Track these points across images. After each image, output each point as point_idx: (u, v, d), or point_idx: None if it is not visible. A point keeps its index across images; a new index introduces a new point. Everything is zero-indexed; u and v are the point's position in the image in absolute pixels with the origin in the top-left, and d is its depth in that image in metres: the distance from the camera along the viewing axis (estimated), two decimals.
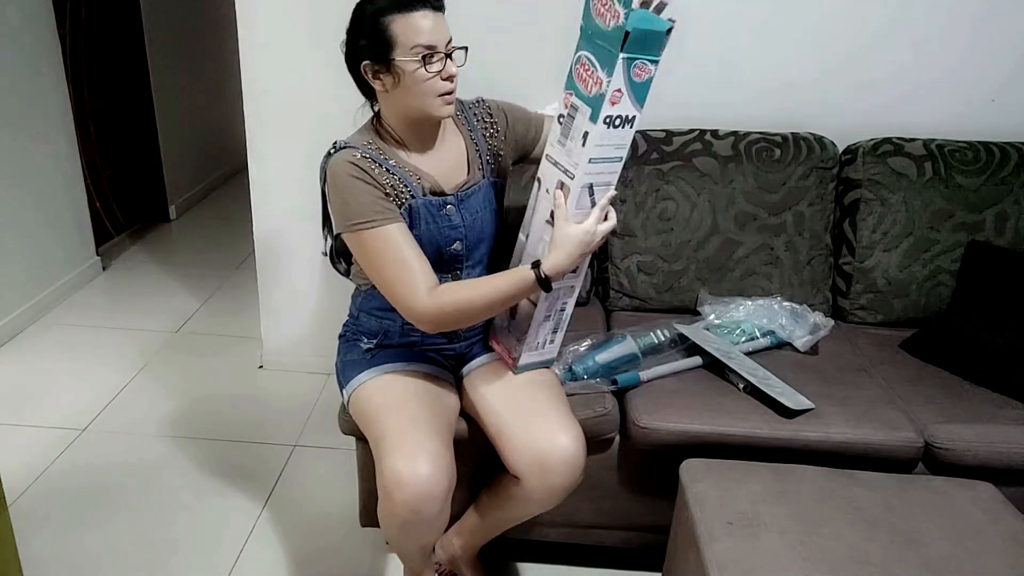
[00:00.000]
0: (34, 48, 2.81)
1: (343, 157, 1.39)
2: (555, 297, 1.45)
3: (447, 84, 1.36)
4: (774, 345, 1.83)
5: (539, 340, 1.51)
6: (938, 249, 1.95)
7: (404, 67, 1.33)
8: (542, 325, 1.48)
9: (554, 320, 1.50)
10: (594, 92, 1.26)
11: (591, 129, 1.27)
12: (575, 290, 1.48)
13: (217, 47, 4.38)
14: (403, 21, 1.31)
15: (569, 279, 1.45)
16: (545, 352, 1.55)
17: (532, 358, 1.54)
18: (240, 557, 1.83)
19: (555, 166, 1.36)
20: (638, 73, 1.24)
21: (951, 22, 2.04)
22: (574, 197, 1.33)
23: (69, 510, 1.95)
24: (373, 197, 1.37)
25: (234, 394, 2.50)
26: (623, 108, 1.27)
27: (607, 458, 1.65)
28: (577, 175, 1.31)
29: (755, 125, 2.05)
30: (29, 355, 2.68)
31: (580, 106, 1.29)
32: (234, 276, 3.39)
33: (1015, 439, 1.55)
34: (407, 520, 1.33)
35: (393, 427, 1.37)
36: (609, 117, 1.26)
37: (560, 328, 1.53)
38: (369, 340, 1.58)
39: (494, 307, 1.41)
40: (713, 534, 1.27)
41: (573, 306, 1.51)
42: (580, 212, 1.36)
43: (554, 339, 1.54)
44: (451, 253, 1.48)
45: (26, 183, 2.81)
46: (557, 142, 1.35)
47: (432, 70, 1.33)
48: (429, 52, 1.32)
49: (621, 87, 1.24)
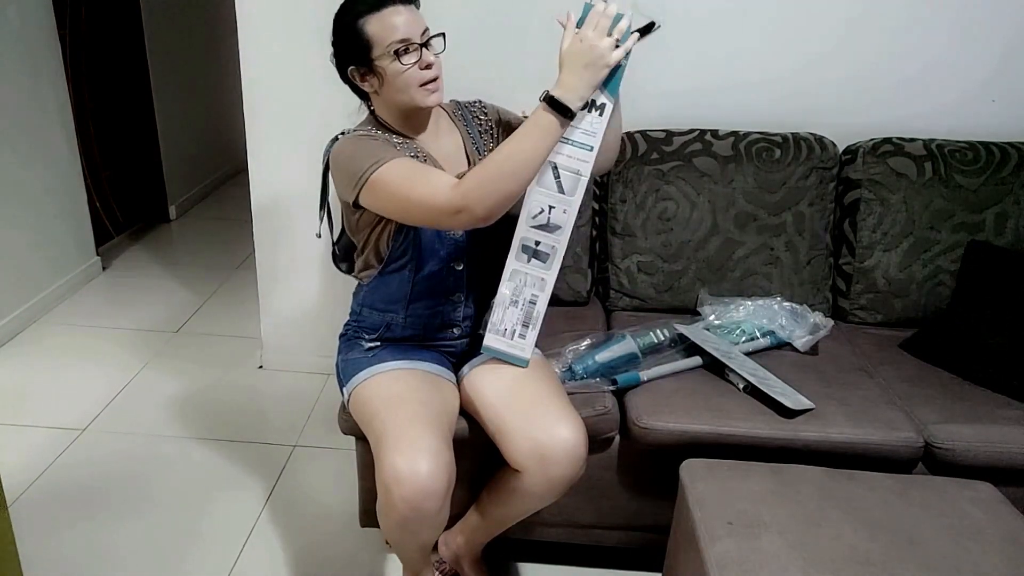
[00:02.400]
0: (34, 48, 2.81)
1: (350, 135, 1.44)
2: (521, 282, 1.46)
3: (426, 73, 1.39)
4: (774, 345, 1.83)
5: (504, 326, 1.50)
6: (938, 249, 1.95)
7: (384, 65, 1.38)
8: (508, 309, 1.48)
9: (522, 310, 1.49)
10: None
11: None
12: (545, 283, 1.47)
13: (217, 47, 4.38)
14: (376, 21, 1.37)
15: (538, 268, 1.45)
16: (514, 345, 1.52)
17: (498, 343, 1.52)
18: (240, 557, 1.83)
19: None
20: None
21: (952, 23, 2.04)
22: (542, 174, 1.37)
23: (69, 510, 1.95)
24: (382, 142, 1.42)
25: (234, 394, 2.50)
26: (595, 94, 1.34)
27: (607, 458, 1.65)
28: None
29: (755, 125, 2.05)
30: (29, 355, 2.68)
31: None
32: (234, 276, 3.39)
33: (1015, 439, 1.55)
34: (407, 517, 1.33)
35: (393, 424, 1.37)
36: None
37: (531, 324, 1.50)
38: (371, 338, 1.58)
39: (519, 164, 1.30)
40: (713, 534, 1.27)
41: (545, 305, 1.49)
42: (545, 191, 1.39)
43: (524, 334, 1.51)
44: (451, 240, 1.50)
45: (26, 183, 2.81)
46: None
47: (407, 62, 1.37)
48: (402, 46, 1.36)
49: None
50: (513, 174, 1.30)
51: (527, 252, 1.44)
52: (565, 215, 1.41)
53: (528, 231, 1.43)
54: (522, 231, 1.43)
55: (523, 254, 1.44)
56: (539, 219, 1.41)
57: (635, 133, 2.02)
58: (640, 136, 2.01)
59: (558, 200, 1.40)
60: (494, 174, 1.29)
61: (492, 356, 1.54)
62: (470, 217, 1.30)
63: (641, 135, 2.01)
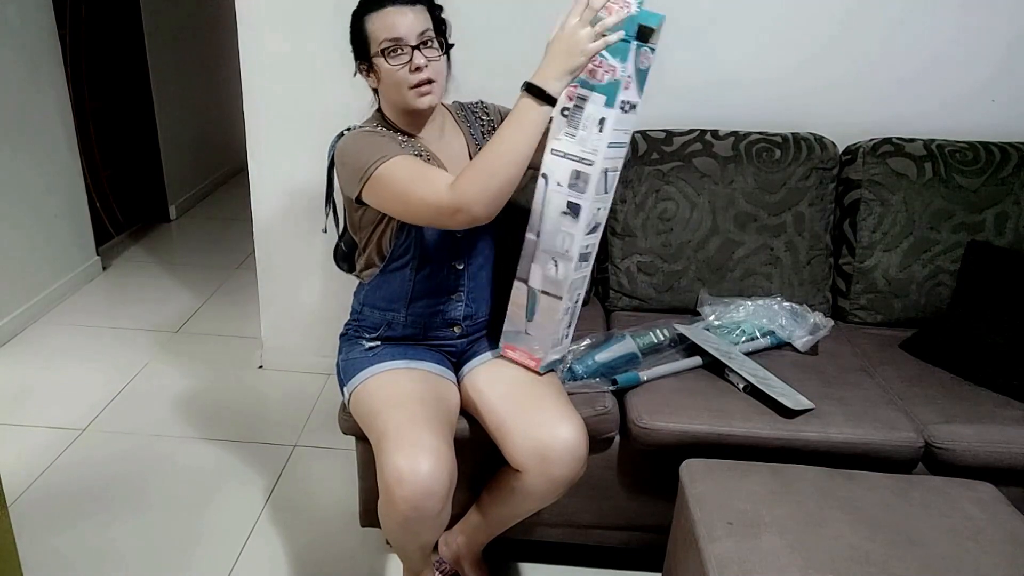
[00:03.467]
0: (34, 48, 2.81)
1: (355, 131, 1.46)
2: (577, 287, 1.49)
3: (416, 75, 1.39)
4: (774, 345, 1.83)
5: (560, 335, 1.53)
6: (938, 249, 1.95)
7: (378, 64, 1.40)
8: (563, 319, 1.50)
9: (571, 313, 1.53)
10: (607, 80, 1.32)
11: (608, 115, 1.33)
12: (586, 279, 1.52)
13: (217, 47, 4.38)
14: (376, 19, 1.39)
15: (584, 268, 1.48)
16: (562, 348, 1.58)
17: (553, 355, 1.55)
18: (240, 557, 1.83)
19: (565, 158, 1.38)
20: (643, 61, 1.33)
21: (952, 23, 2.04)
22: (593, 183, 1.37)
23: (69, 510, 1.95)
24: (389, 139, 1.43)
25: (234, 394, 2.50)
26: (631, 94, 1.35)
27: (607, 458, 1.65)
28: (597, 160, 1.36)
29: (755, 125, 2.05)
30: (29, 355, 2.68)
31: (590, 95, 1.34)
32: (234, 276, 3.39)
33: (1015, 439, 1.55)
34: (408, 517, 1.33)
35: (394, 424, 1.37)
36: (624, 102, 1.34)
37: (573, 322, 1.56)
38: (371, 337, 1.59)
39: (508, 156, 1.29)
40: (713, 534, 1.27)
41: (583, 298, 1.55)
42: (598, 197, 1.40)
43: (568, 333, 1.57)
44: (452, 239, 1.51)
45: (26, 183, 2.81)
46: (564, 135, 1.38)
47: (394, 63, 1.38)
48: (391, 46, 1.37)
49: (631, 74, 1.32)
50: (504, 168, 1.29)
51: (583, 258, 1.46)
52: (603, 212, 1.46)
53: (585, 239, 1.43)
54: (580, 242, 1.42)
55: (580, 263, 1.46)
56: (591, 224, 1.43)
57: (635, 133, 2.02)
58: (640, 136, 2.01)
59: (603, 201, 1.43)
60: (486, 171, 1.29)
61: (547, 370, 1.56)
62: (468, 216, 1.30)
63: (641, 135, 2.01)
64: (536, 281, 1.48)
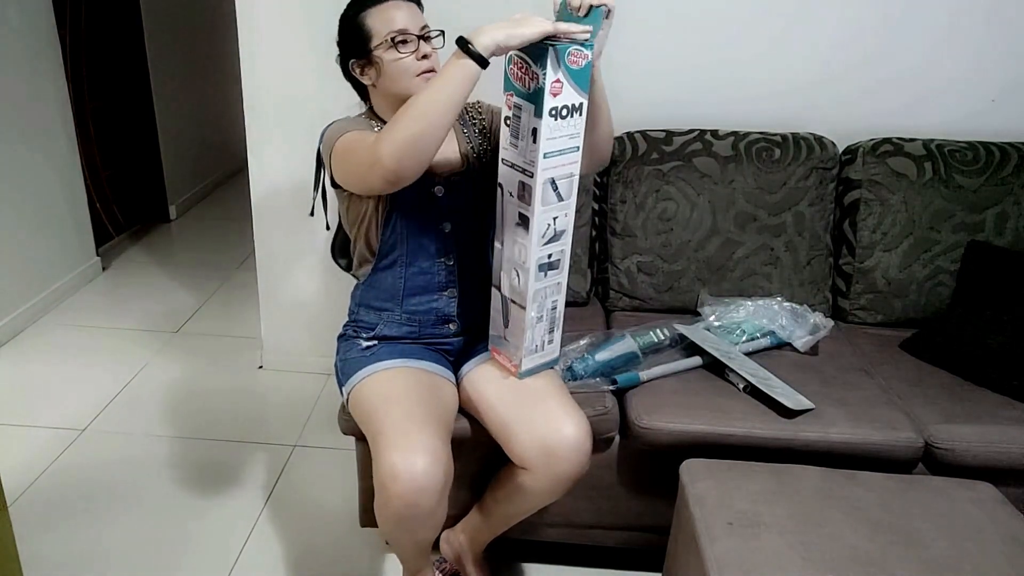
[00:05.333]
0: (34, 48, 2.81)
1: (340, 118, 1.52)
2: (543, 296, 1.45)
3: (423, 63, 1.43)
4: (774, 345, 1.83)
5: (536, 342, 1.51)
6: (938, 249, 1.95)
7: (382, 55, 1.43)
8: (535, 326, 1.48)
9: (547, 320, 1.50)
10: (532, 88, 1.27)
11: (538, 124, 1.27)
12: (561, 286, 1.48)
13: (217, 47, 4.38)
14: (377, 14, 1.43)
15: (553, 276, 1.45)
16: (546, 353, 1.55)
17: (534, 361, 1.53)
18: (240, 557, 1.83)
19: (512, 168, 1.36)
20: (574, 60, 1.26)
21: (952, 23, 2.04)
22: (538, 195, 1.33)
23: (69, 510, 1.95)
24: (365, 125, 1.50)
25: (234, 394, 2.50)
26: (566, 98, 1.28)
27: (607, 458, 1.65)
28: (536, 172, 1.31)
29: (755, 125, 2.05)
30: (29, 355, 2.68)
31: (523, 104, 1.30)
32: (234, 276, 3.39)
33: (1015, 439, 1.55)
34: (403, 515, 1.33)
35: (390, 422, 1.38)
36: (554, 109, 1.27)
37: (556, 327, 1.53)
38: (368, 337, 1.59)
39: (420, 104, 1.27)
40: (713, 534, 1.27)
41: (564, 303, 1.50)
42: (548, 207, 1.36)
43: (552, 339, 1.54)
44: (439, 233, 1.53)
45: (26, 183, 2.81)
46: (509, 144, 1.35)
47: (404, 51, 1.42)
48: (400, 36, 1.41)
49: (560, 77, 1.26)
50: (415, 120, 1.26)
51: (543, 269, 1.43)
52: (567, 218, 1.41)
53: (540, 251, 1.40)
54: (535, 254, 1.39)
55: (540, 272, 1.43)
56: (547, 235, 1.40)
57: (635, 133, 2.02)
58: (640, 136, 2.01)
59: (560, 208, 1.39)
60: (398, 122, 1.27)
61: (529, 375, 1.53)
62: (382, 170, 1.28)
63: (641, 135, 2.01)
64: (506, 290, 1.47)
